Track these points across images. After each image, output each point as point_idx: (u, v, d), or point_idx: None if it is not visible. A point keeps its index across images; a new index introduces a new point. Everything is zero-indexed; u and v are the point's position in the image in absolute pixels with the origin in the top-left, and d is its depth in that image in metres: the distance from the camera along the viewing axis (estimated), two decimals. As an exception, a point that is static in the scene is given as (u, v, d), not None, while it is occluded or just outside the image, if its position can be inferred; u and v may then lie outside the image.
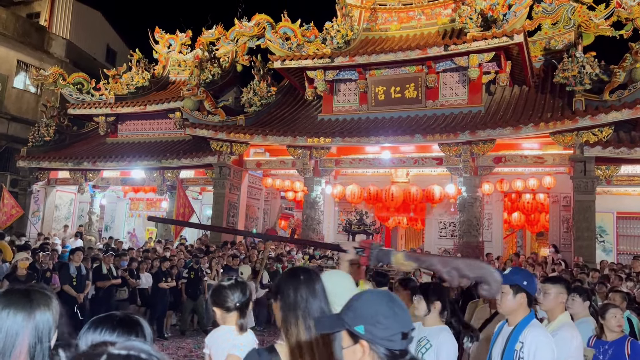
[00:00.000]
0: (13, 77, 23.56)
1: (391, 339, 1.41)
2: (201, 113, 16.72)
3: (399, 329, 1.42)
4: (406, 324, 1.45)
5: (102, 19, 29.76)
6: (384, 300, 1.46)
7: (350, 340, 1.45)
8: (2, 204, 16.59)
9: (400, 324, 1.43)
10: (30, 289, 1.72)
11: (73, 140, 20.98)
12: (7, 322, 1.59)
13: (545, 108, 13.98)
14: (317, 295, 1.96)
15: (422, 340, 3.22)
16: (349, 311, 1.46)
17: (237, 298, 2.65)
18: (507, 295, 2.88)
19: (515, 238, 20.67)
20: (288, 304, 1.95)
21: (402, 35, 16.88)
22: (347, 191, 16.54)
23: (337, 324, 1.47)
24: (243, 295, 2.67)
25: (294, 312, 1.92)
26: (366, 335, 1.41)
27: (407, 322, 1.45)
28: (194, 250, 13.72)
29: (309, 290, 1.96)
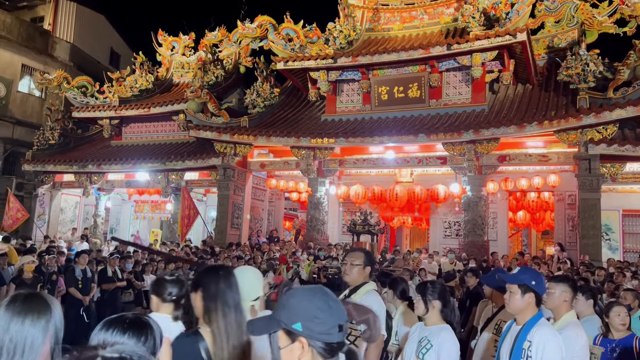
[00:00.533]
0: (18, 81, 23.68)
1: (329, 332, 1.42)
2: (205, 115, 16.75)
3: (335, 322, 1.44)
4: (341, 316, 1.46)
5: (106, 22, 29.88)
6: (318, 295, 1.47)
7: (288, 339, 1.45)
8: (8, 207, 16.69)
9: (336, 317, 1.44)
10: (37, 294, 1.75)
11: (78, 143, 21.07)
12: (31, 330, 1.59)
13: (549, 106, 13.94)
14: (232, 287, 2.33)
15: (423, 341, 3.20)
16: (284, 310, 1.46)
17: (174, 292, 2.96)
18: (515, 295, 2.89)
19: (521, 237, 20.61)
20: (209, 295, 2.28)
21: (405, 35, 16.87)
22: (351, 191, 16.54)
23: (273, 324, 1.47)
24: (180, 290, 2.96)
25: (214, 302, 2.25)
26: (304, 331, 1.41)
27: (342, 315, 1.47)
28: (199, 252, 13.74)
29: (226, 284, 2.31)
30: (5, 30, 22.90)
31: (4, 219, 16.96)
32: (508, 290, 2.95)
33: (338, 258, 12.79)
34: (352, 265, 3.65)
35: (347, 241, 16.05)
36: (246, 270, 2.85)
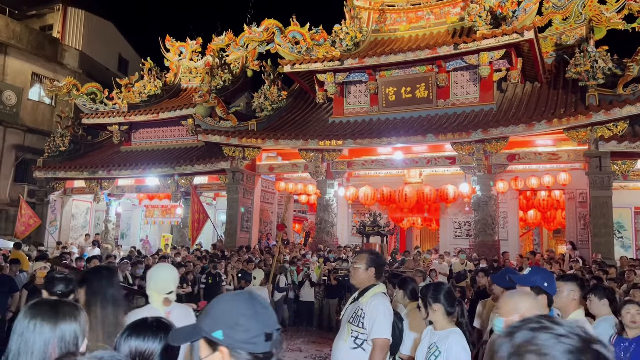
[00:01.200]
0: (28, 89, 23.93)
1: (252, 341, 1.31)
2: (213, 119, 16.83)
3: (261, 330, 1.32)
4: (269, 323, 1.34)
5: (114, 29, 30.11)
6: (243, 300, 1.36)
7: (209, 348, 1.34)
8: (20, 214, 16.85)
9: (262, 324, 1.33)
10: (58, 302, 1.80)
11: (88, 149, 21.24)
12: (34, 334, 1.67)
13: (558, 104, 13.85)
14: (113, 285, 2.81)
15: (432, 347, 3.10)
16: (206, 317, 1.35)
17: (61, 287, 3.26)
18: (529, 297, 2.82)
19: (532, 236, 20.48)
20: (92, 291, 2.73)
21: (412, 36, 16.85)
22: (360, 193, 16.53)
23: (194, 333, 1.36)
24: (66, 286, 3.28)
25: (95, 296, 2.69)
26: (225, 340, 1.30)
27: (271, 322, 1.35)
28: (209, 255, 13.79)
29: (108, 282, 2.79)
30: (15, 39, 23.16)
31: (17, 226, 17.13)
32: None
33: (348, 260, 12.78)
34: (355, 267, 3.62)
35: (357, 243, 16.04)
36: (162, 267, 3.44)
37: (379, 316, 3.37)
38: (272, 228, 18.97)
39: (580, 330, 1.01)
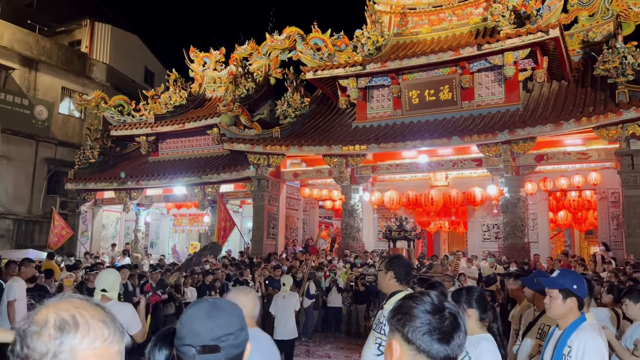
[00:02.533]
0: (58, 104, 24.59)
1: (183, 350, 1.30)
2: (238, 128, 16.99)
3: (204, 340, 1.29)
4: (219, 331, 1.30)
5: (139, 42, 30.74)
6: (203, 311, 1.34)
7: None
8: (53, 225, 17.27)
9: (217, 332, 1.30)
10: None
11: (117, 160, 21.68)
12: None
13: (587, 102, 13.55)
14: None
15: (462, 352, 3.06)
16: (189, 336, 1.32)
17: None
18: (556, 300, 2.78)
19: (563, 237, 20.02)
20: None
21: (434, 38, 16.74)
22: (386, 197, 16.43)
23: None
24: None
25: None
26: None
27: (223, 329, 1.31)
28: (236, 263, 13.89)
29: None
30: (45, 55, 23.85)
31: (50, 237, 17.56)
32: (548, 294, 2.82)
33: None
34: (380, 273, 3.58)
35: (384, 248, 15.94)
36: (105, 270, 4.80)
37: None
38: (298, 234, 19.01)
39: (438, 299, 1.35)
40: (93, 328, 1.00)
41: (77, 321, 0.99)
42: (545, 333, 3.67)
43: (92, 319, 1.01)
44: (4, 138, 22.01)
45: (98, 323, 1.01)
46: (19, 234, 22.41)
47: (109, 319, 1.04)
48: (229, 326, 1.33)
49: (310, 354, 9.98)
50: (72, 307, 1.01)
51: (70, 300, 1.03)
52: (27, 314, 1.02)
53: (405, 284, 3.51)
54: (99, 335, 1.00)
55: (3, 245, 21.12)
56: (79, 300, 1.04)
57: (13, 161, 22.39)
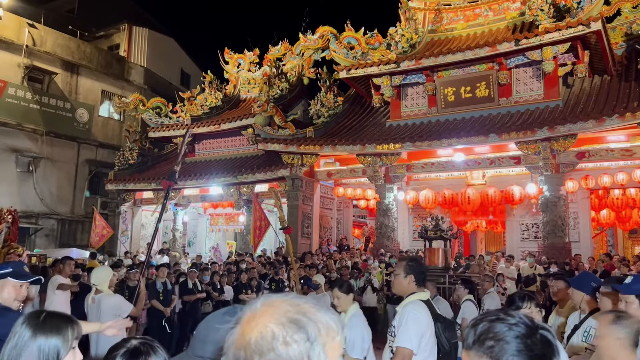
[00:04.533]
0: (98, 106, 25.33)
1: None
2: (272, 128, 17.11)
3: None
4: None
5: (175, 44, 31.35)
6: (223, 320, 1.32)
7: None
8: (94, 225, 17.72)
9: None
10: (48, 313, 1.89)
11: (155, 161, 22.15)
12: (17, 338, 1.79)
13: (631, 97, 13.06)
14: None
15: (590, 330, 3.26)
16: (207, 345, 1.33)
17: None
18: (632, 305, 2.91)
19: (606, 237, 19.37)
20: None
21: (470, 34, 16.45)
22: (421, 196, 16.25)
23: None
24: None
25: None
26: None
27: None
28: (273, 261, 13.99)
29: None
30: (86, 59, 24.60)
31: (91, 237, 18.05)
32: (623, 300, 2.96)
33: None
34: (395, 275, 3.59)
35: (419, 247, 15.77)
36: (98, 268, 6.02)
37: (405, 324, 3.29)
38: (332, 234, 19.02)
39: (528, 319, 1.26)
40: (324, 322, 0.96)
41: (312, 320, 0.95)
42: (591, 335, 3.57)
43: (317, 314, 0.97)
44: (47, 140, 22.81)
45: (323, 316, 0.97)
46: (63, 234, 23.19)
47: (324, 309, 0.99)
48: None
49: (346, 353, 9.98)
50: (292, 308, 0.96)
51: (280, 301, 0.98)
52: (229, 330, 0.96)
53: (422, 286, 3.51)
54: (332, 328, 0.96)
55: (48, 244, 21.91)
56: (287, 299, 0.99)
57: (57, 163, 23.17)
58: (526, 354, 1.20)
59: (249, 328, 0.94)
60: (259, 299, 1.01)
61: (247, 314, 0.97)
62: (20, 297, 3.06)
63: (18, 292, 3.05)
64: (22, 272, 3.15)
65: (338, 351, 0.96)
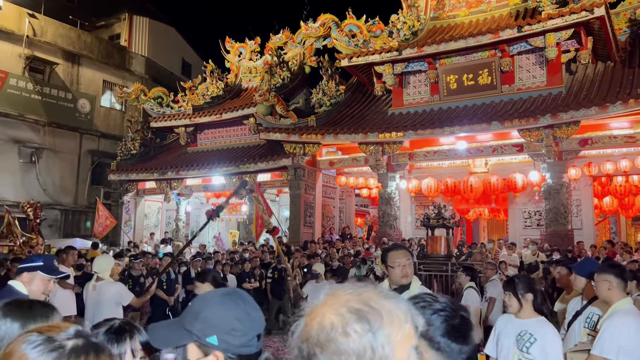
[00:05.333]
0: (100, 97, 25.29)
1: (248, 344, 1.29)
2: (273, 117, 17.07)
3: (255, 332, 1.31)
4: (261, 324, 1.33)
5: (176, 34, 31.21)
6: (236, 304, 1.32)
7: (200, 352, 1.29)
8: (98, 215, 17.82)
9: (256, 327, 1.31)
10: (33, 302, 1.87)
11: (157, 151, 22.17)
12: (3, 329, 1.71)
13: (635, 83, 12.97)
14: None
15: (525, 335, 3.22)
16: (196, 322, 1.29)
17: None
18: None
19: (609, 224, 19.35)
20: None
21: (472, 21, 16.33)
22: (423, 185, 16.23)
23: (183, 337, 1.31)
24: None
25: None
26: (220, 345, 1.27)
27: (262, 323, 1.34)
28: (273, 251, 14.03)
29: None
30: (87, 49, 24.52)
31: (95, 227, 18.15)
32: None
33: (413, 253, 12.60)
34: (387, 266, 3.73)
35: (422, 235, 15.78)
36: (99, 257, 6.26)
37: None
38: (334, 222, 19.05)
39: (451, 303, 1.44)
40: (389, 310, 0.89)
41: (375, 308, 0.88)
42: (593, 321, 3.59)
43: (382, 302, 0.89)
44: (49, 131, 22.82)
45: (388, 304, 0.90)
46: (66, 224, 23.29)
47: (391, 296, 0.93)
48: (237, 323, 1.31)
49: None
50: (353, 297, 0.89)
51: (342, 291, 0.91)
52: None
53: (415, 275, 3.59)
54: (398, 316, 0.89)
55: (52, 234, 22.00)
56: (351, 288, 0.92)
57: (59, 153, 23.21)
58: (453, 333, 1.39)
59: (310, 320, 0.89)
60: (323, 290, 0.95)
61: (311, 306, 0.92)
62: (47, 291, 3.07)
63: (46, 286, 3.06)
64: (53, 266, 3.17)
65: (408, 342, 0.89)
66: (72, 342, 0.91)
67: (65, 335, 0.92)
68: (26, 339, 0.91)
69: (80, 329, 0.93)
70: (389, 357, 0.84)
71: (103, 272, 5.45)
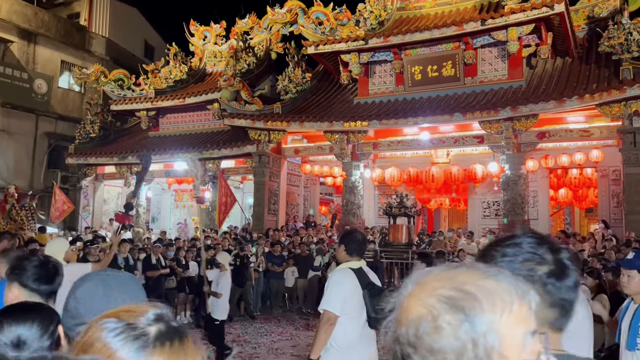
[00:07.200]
0: (58, 77, 24.40)
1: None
2: (238, 103, 16.88)
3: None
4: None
5: (139, 15, 30.34)
6: (98, 288, 1.28)
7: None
8: (54, 200, 17.26)
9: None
10: None
11: (117, 135, 21.63)
12: None
13: (591, 79, 13.43)
14: None
15: None
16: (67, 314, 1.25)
17: None
18: (634, 279, 3.20)
19: (563, 215, 20.06)
20: None
21: (437, 13, 16.50)
22: (387, 174, 16.43)
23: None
24: None
25: None
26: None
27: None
28: (238, 238, 13.98)
29: None
30: (44, 27, 23.58)
31: (51, 212, 17.60)
32: (625, 274, 3.25)
33: (375, 241, 12.77)
34: (336, 247, 4.10)
35: (384, 224, 16.00)
36: (54, 241, 5.49)
37: (328, 288, 3.57)
38: (298, 211, 19.08)
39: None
40: (490, 291, 0.74)
41: (470, 292, 0.73)
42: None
43: (479, 283, 0.75)
44: (3, 112, 21.92)
45: (490, 284, 0.75)
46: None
47: (490, 274, 0.77)
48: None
49: (311, 328, 10.11)
50: (443, 283, 0.76)
51: (431, 277, 0.78)
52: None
53: (357, 256, 3.71)
54: (501, 295, 0.74)
55: (5, 219, 21.21)
56: (442, 272, 0.79)
57: (13, 135, 22.33)
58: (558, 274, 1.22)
59: (399, 316, 0.78)
60: (410, 278, 0.81)
61: (401, 298, 0.79)
62: None
63: None
64: None
65: (520, 325, 0.73)
66: (155, 327, 0.84)
67: (145, 320, 0.85)
68: (105, 325, 0.84)
69: (159, 312, 0.86)
70: (496, 348, 0.70)
71: (56, 256, 5.28)
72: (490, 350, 0.70)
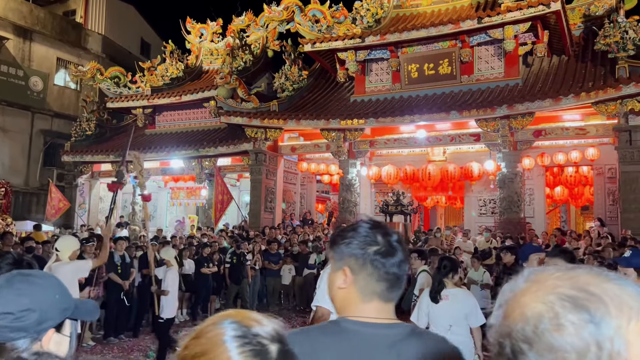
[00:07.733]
0: (54, 75, 24.31)
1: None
2: (235, 101, 16.86)
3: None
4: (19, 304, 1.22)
5: (135, 12, 30.25)
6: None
7: None
8: (50, 197, 17.25)
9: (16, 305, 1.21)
10: None
11: (113, 133, 21.56)
12: None
13: (587, 77, 13.46)
14: None
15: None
16: None
17: None
18: (630, 277, 3.13)
19: (559, 213, 20.14)
20: None
21: (434, 11, 16.50)
22: (383, 172, 16.43)
23: None
24: None
25: None
26: None
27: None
28: (235, 235, 13.96)
29: None
30: (40, 25, 23.48)
31: (47, 209, 17.57)
32: (622, 272, 3.21)
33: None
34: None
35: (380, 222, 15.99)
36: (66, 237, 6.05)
37: (322, 285, 3.54)
38: (295, 208, 19.07)
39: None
40: (615, 296, 0.69)
41: (595, 294, 0.69)
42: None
43: (602, 285, 0.71)
44: (-1, 109, 21.84)
45: (613, 288, 0.70)
46: (16, 206, 22.41)
47: (612, 278, 0.73)
48: (10, 305, 1.21)
49: (307, 325, 10.10)
50: (564, 282, 0.72)
51: (547, 275, 0.74)
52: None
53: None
54: (631, 304, 0.69)
55: (0, 216, 21.14)
56: (557, 271, 0.75)
57: (9, 133, 22.26)
58: None
59: (511, 311, 0.74)
60: (521, 275, 0.78)
61: (509, 294, 0.76)
62: None
63: None
64: None
65: None
66: (275, 347, 0.82)
67: (264, 332, 0.83)
68: (226, 329, 0.82)
69: (280, 330, 0.84)
70: (623, 355, 0.66)
71: (64, 252, 5.26)
72: (615, 356, 0.66)
